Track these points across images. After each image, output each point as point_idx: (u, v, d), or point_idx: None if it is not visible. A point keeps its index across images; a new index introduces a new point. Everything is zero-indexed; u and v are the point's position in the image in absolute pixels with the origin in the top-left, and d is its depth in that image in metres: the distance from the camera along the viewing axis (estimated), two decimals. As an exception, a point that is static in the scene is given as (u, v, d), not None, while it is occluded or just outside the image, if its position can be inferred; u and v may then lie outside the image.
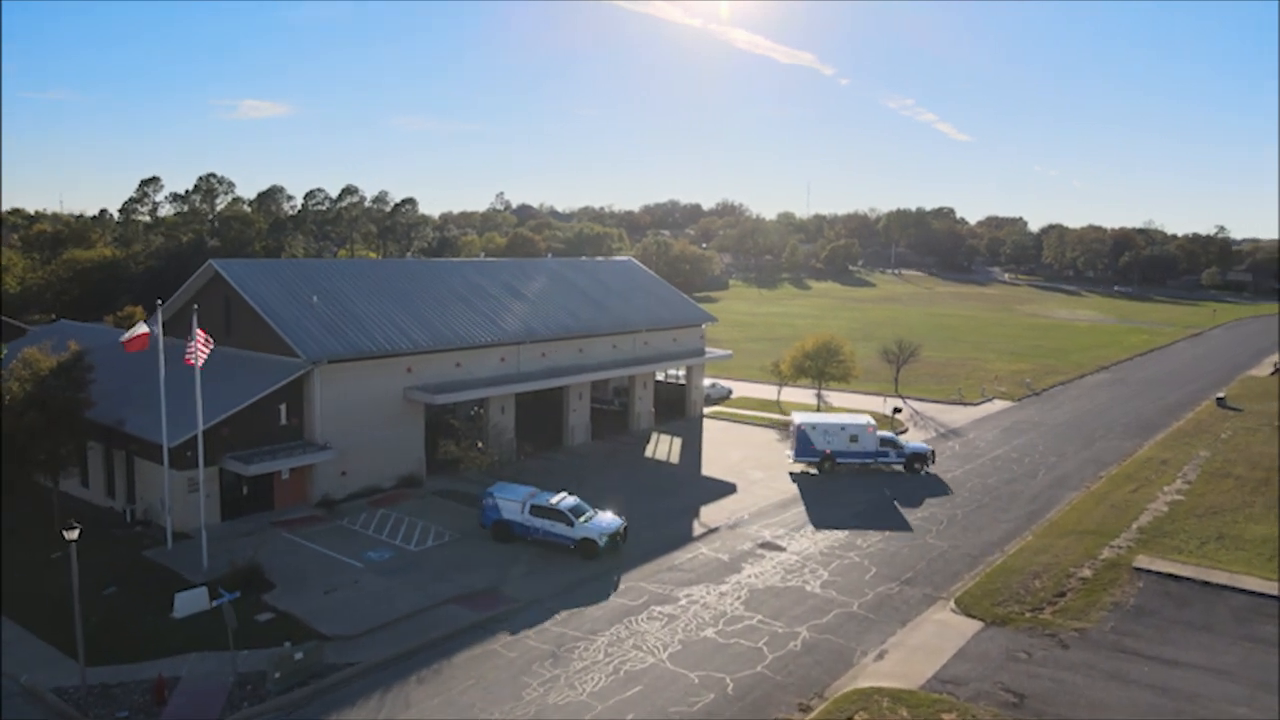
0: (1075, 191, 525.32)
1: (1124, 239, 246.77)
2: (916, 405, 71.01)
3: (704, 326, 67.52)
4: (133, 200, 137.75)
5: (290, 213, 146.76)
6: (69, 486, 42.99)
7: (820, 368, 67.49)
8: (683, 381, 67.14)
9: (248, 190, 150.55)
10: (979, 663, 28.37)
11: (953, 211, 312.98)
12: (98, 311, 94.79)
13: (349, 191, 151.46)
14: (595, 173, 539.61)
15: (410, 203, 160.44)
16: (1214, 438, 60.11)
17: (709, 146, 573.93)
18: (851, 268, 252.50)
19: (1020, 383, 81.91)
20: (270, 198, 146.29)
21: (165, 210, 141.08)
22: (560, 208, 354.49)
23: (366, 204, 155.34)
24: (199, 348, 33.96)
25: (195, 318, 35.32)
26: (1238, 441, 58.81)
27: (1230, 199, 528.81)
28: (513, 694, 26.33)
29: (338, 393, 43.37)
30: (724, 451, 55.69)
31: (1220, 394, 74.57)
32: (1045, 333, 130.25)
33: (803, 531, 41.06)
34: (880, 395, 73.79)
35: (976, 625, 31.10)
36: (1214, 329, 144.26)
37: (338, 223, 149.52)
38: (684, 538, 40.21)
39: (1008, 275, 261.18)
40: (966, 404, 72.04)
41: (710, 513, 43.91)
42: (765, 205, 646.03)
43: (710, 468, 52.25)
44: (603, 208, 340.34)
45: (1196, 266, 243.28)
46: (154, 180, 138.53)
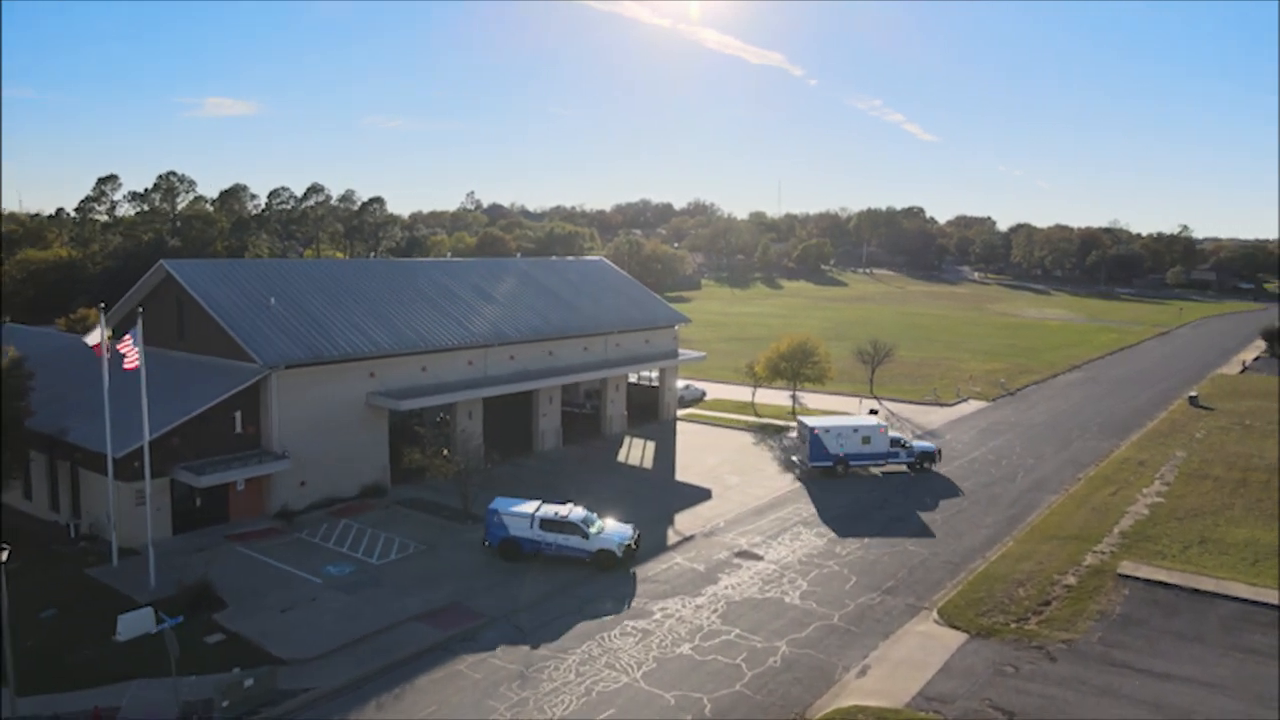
0: (1040, 191, 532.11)
1: (1090, 238, 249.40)
2: (892, 406, 70.26)
3: (677, 327, 66.27)
4: (90, 199, 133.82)
5: (254, 212, 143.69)
6: (12, 499, 40.81)
7: (795, 369, 66.54)
8: (656, 384, 65.83)
9: (214, 190, 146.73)
10: (965, 678, 27.31)
11: (922, 211, 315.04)
12: (54, 313, 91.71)
13: (314, 190, 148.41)
14: (567, 172, 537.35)
15: (378, 202, 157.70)
16: (1189, 437, 59.88)
17: (680, 146, 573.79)
18: (823, 267, 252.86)
19: (995, 383, 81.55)
20: (233, 196, 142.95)
21: (124, 209, 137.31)
22: (532, 207, 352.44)
23: (333, 203, 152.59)
24: (131, 353, 32.00)
25: (140, 322, 33.37)
26: (1213, 441, 58.60)
27: (1191, 199, 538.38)
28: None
29: (296, 399, 41.53)
30: (699, 456, 54.45)
31: (1192, 393, 74.62)
32: (1017, 332, 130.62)
33: (780, 539, 39.89)
34: (855, 396, 72.98)
35: (961, 637, 30.07)
36: (1181, 327, 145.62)
37: (303, 222, 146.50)
38: (658, 547, 38.86)
39: (977, 274, 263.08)
40: (942, 404, 71.43)
41: (685, 520, 42.62)
42: (737, 205, 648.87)
43: (685, 473, 50.99)
44: (574, 207, 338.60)
45: (1161, 265, 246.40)
46: (112, 178, 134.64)
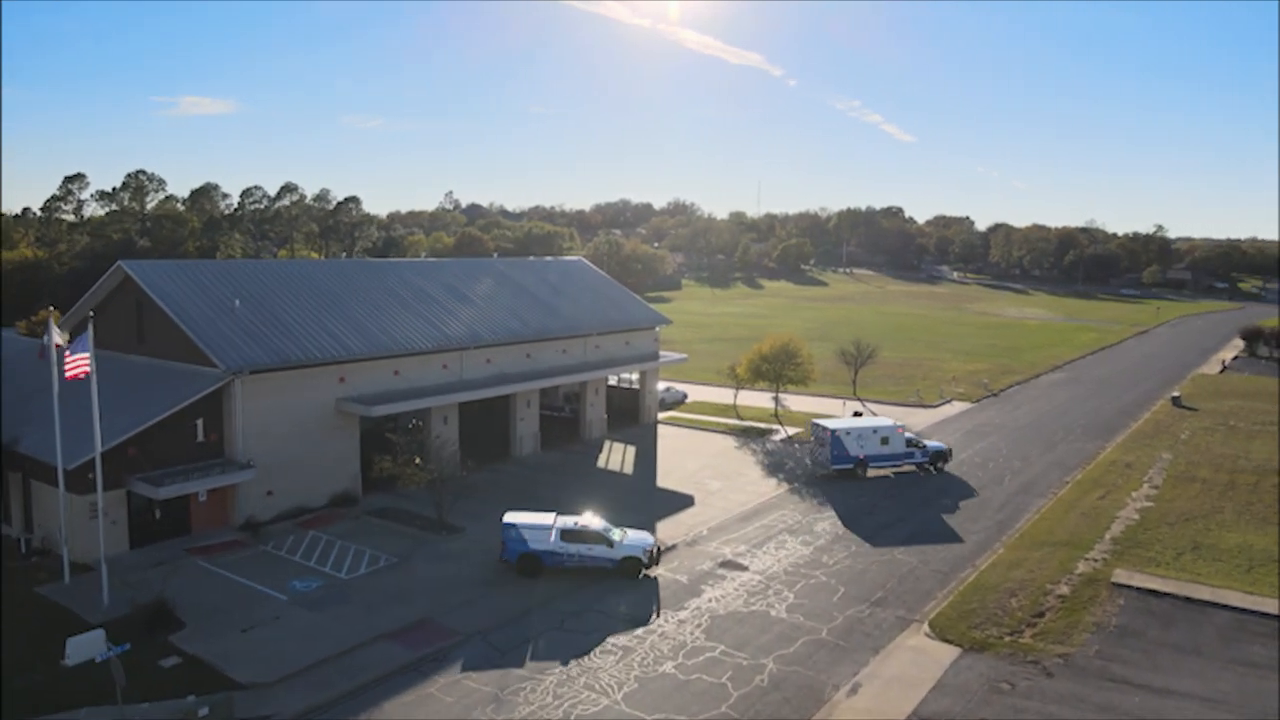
0: (1017, 192, 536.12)
1: (1068, 238, 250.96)
2: (875, 408, 69.31)
3: (657, 329, 65.00)
4: (56, 198, 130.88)
5: (226, 212, 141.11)
6: (-41, 512, 38.88)
7: (778, 371, 65.44)
8: (636, 386, 64.55)
9: (189, 190, 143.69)
10: (960, 696, 26.21)
11: (901, 211, 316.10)
12: (18, 315, 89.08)
13: (288, 189, 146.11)
14: (546, 172, 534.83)
15: (353, 201, 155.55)
16: (1174, 438, 59.37)
17: (660, 146, 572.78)
18: (804, 267, 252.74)
19: (978, 383, 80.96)
20: (204, 196, 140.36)
21: (92, 209, 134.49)
22: (510, 207, 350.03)
23: (307, 203, 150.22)
24: (76, 360, 30.27)
25: (91, 327, 31.63)
26: (1198, 442, 58.11)
27: (1165, 199, 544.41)
28: (449, 749, 23.47)
29: (262, 405, 39.85)
30: (680, 460, 53.22)
31: (1175, 393, 74.33)
32: (997, 331, 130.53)
33: (765, 548, 38.72)
34: (838, 398, 72.04)
35: (954, 652, 28.99)
36: (1159, 326, 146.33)
37: (276, 222, 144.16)
38: (639, 557, 37.52)
39: (956, 274, 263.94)
40: (925, 406, 70.63)
41: (667, 528, 41.33)
42: (716, 204, 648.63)
43: (666, 478, 49.73)
44: (553, 207, 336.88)
45: (1137, 265, 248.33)
46: (79, 177, 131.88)
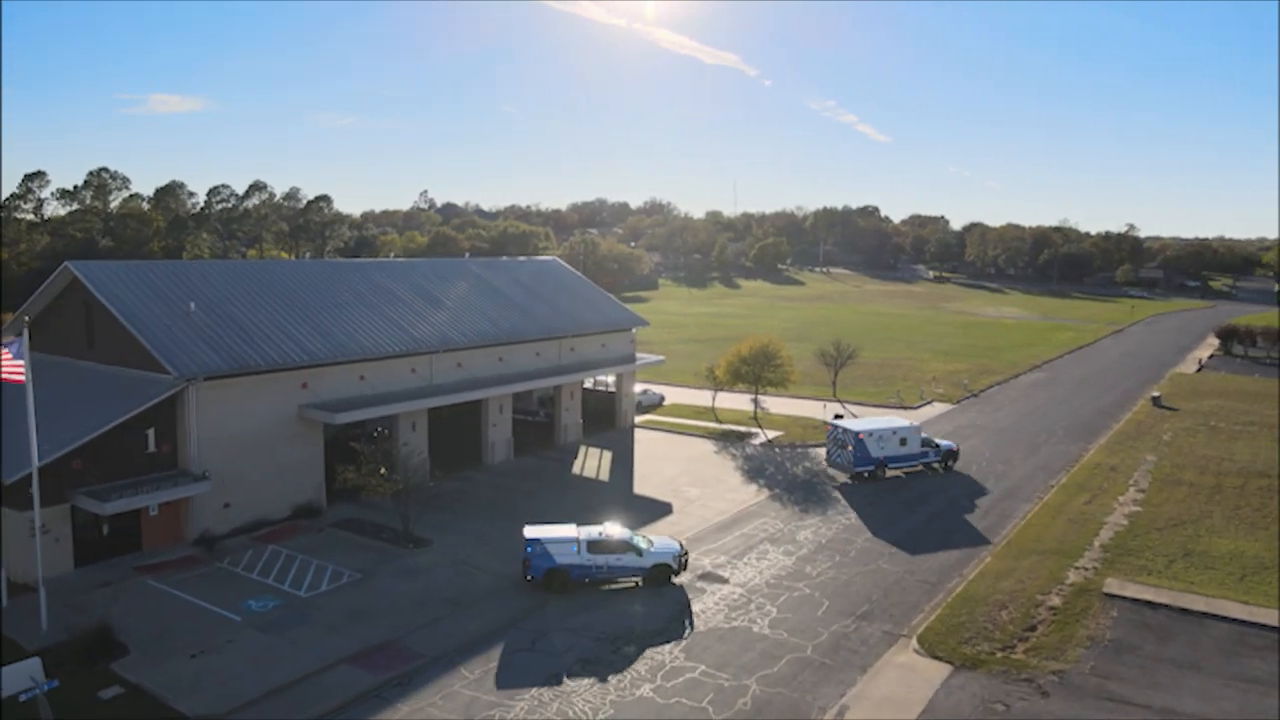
0: (990, 191, 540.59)
1: (1042, 237, 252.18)
2: (856, 409, 68.23)
3: (634, 330, 63.46)
4: (15, 196, 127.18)
5: (192, 211, 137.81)
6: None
7: (757, 372, 64.15)
8: (612, 389, 63.02)
9: (155, 189, 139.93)
10: (953, 719, 24.92)
11: (877, 210, 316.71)
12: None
13: (256, 188, 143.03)
14: (522, 172, 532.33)
15: (324, 200, 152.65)
16: (1156, 440, 58.71)
17: (637, 145, 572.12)
18: (780, 266, 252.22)
19: (958, 383, 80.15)
20: (169, 194, 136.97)
21: (53, 208, 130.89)
22: (486, 206, 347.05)
23: (277, 201, 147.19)
24: (10, 366, 28.30)
25: (27, 332, 29.61)
26: (1180, 444, 57.46)
27: (1135, 198, 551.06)
28: (410, 788, 21.83)
29: (219, 414, 37.90)
30: (658, 466, 51.72)
31: (1155, 393, 73.88)
32: (975, 331, 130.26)
33: (746, 559, 37.30)
34: (818, 400, 70.88)
35: (944, 670, 27.71)
36: (1133, 325, 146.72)
37: (245, 221, 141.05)
38: (616, 570, 36.00)
39: (933, 273, 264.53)
40: (906, 407, 69.61)
41: (644, 538, 39.80)
42: (693, 204, 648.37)
43: (643, 485, 48.22)
44: (529, 206, 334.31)
45: (1110, 264, 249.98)
46: (39, 175, 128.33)
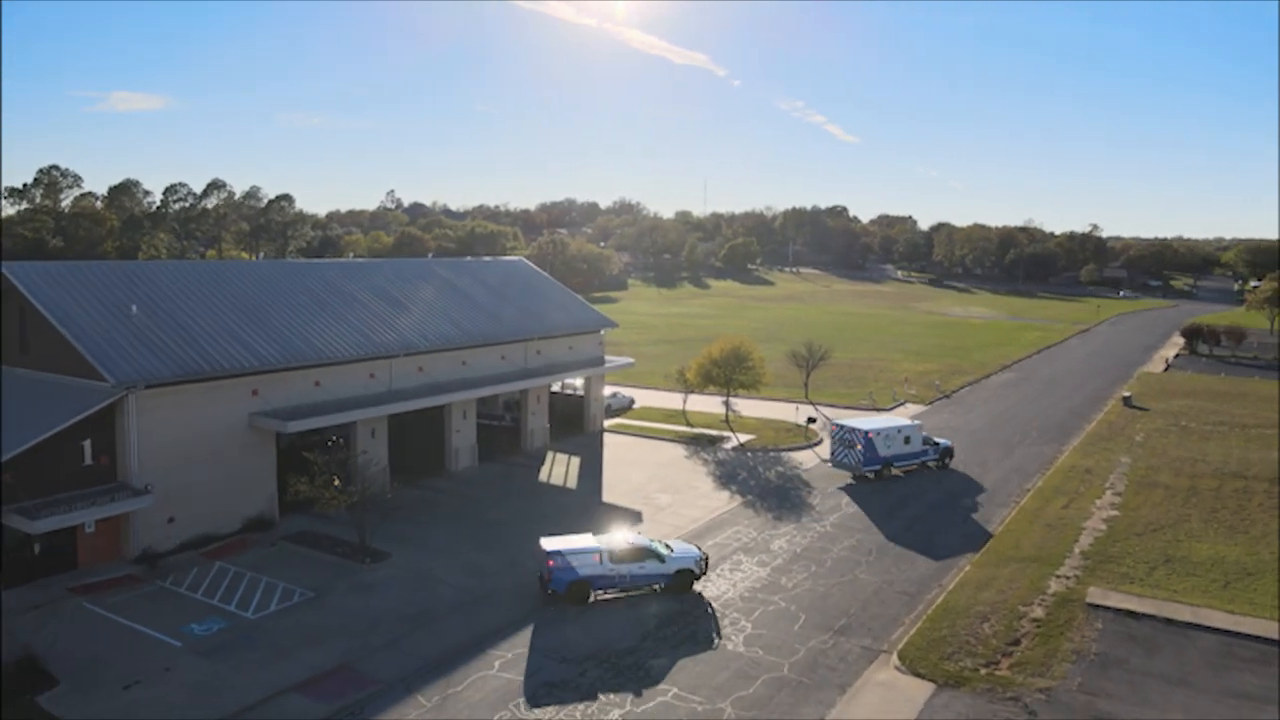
0: (955, 191, 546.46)
1: (1008, 237, 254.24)
2: (828, 412, 67.27)
3: (603, 332, 61.90)
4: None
5: (148, 210, 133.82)
6: None
7: (728, 375, 62.87)
8: (581, 393, 61.44)
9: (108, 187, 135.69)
10: (938, 743, 23.72)
11: (846, 210, 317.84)
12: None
13: (215, 186, 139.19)
14: (491, 172, 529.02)
15: (286, 199, 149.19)
16: (1129, 441, 58.30)
17: (606, 145, 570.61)
18: (750, 266, 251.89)
19: (929, 384, 79.57)
20: (124, 193, 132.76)
21: (1, 207, 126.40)
22: (454, 206, 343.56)
23: (237, 200, 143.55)
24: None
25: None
26: (1153, 445, 57.09)
27: (1097, 198, 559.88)
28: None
29: (161, 423, 35.80)
30: (627, 472, 50.23)
31: (1126, 393, 73.76)
32: (945, 331, 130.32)
33: (719, 570, 35.91)
34: (791, 402, 69.81)
35: (927, 688, 26.50)
36: (1099, 325, 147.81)
37: (203, 221, 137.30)
38: (583, 584, 34.46)
39: (901, 273, 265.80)
40: (879, 409, 68.70)
41: (613, 549, 38.29)
42: (663, 204, 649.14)
43: (612, 492, 46.71)
44: (498, 206, 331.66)
45: (1075, 263, 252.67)
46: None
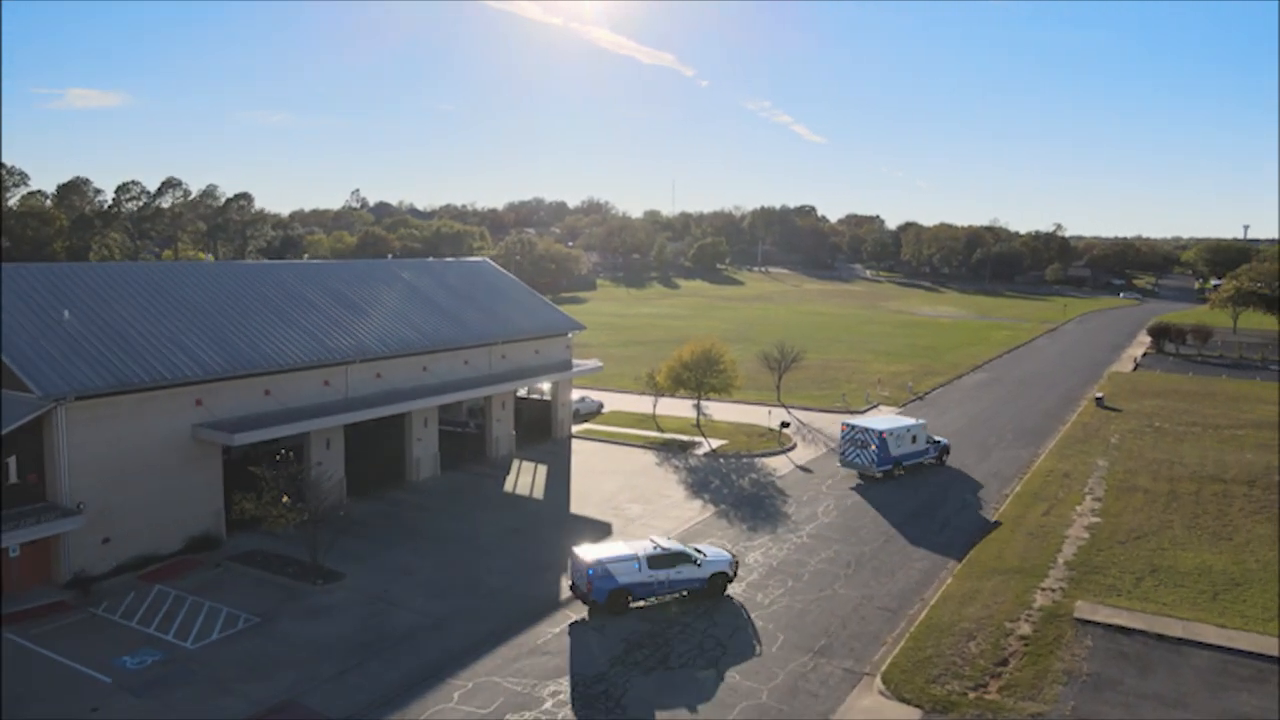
0: (920, 191, 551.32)
1: (975, 236, 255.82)
2: (801, 415, 65.99)
3: (570, 335, 60.01)
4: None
5: (100, 209, 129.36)
6: None
7: (699, 378, 61.26)
8: (548, 398, 59.50)
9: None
10: (928, 777, 22.22)
11: (814, 210, 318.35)
12: None
13: (170, 185, 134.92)
14: (458, 171, 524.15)
15: (244, 198, 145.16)
16: (1105, 443, 57.58)
17: (574, 144, 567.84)
18: (720, 266, 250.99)
19: (902, 386, 78.62)
20: (74, 191, 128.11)
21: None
22: (421, 205, 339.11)
23: (193, 199, 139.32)
24: None
25: None
26: (1129, 447, 56.40)
27: (1060, 198, 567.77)
28: None
29: (95, 437, 33.37)
30: (596, 481, 48.43)
31: (1098, 394, 73.31)
32: (915, 330, 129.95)
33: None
34: (763, 405, 68.39)
35: (914, 715, 25.03)
36: (1067, 324, 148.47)
37: (158, 220, 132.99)
38: (550, 603, 32.66)
39: (870, 272, 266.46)
40: (852, 412, 67.53)
41: (581, 565, 36.50)
42: (631, 203, 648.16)
43: (581, 503, 44.89)
44: (465, 206, 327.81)
45: (1040, 263, 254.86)
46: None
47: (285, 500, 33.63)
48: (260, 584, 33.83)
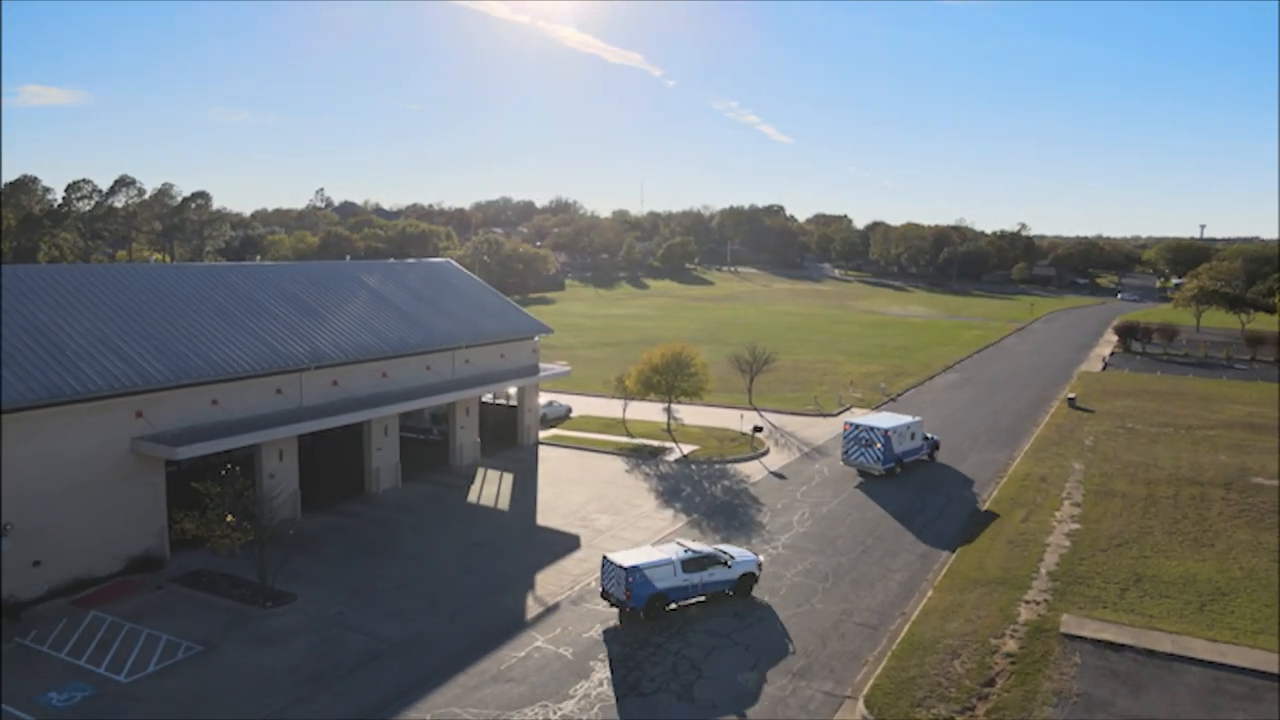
0: (887, 191, 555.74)
1: (942, 236, 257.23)
2: (774, 419, 64.80)
3: (537, 339, 58.24)
4: None
5: (49, 208, 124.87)
6: None
7: (670, 382, 59.77)
8: (514, 403, 57.70)
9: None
10: (917, 813, 20.88)
11: (783, 209, 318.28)
12: None
13: (123, 183, 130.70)
14: (425, 170, 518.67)
15: (201, 197, 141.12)
16: (1079, 445, 56.98)
17: (542, 143, 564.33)
18: (689, 266, 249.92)
19: (874, 387, 77.80)
20: (21, 190, 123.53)
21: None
22: (387, 205, 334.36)
23: (148, 198, 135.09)
24: None
25: None
26: (1104, 449, 55.82)
27: (1024, 198, 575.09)
28: None
29: (24, 453, 31.11)
30: (564, 490, 46.77)
31: (1070, 394, 72.97)
32: (885, 330, 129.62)
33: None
34: (734, 408, 67.12)
35: (899, 743, 23.72)
36: (1034, 322, 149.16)
37: (111, 220, 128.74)
38: (514, 623, 31.00)
39: (839, 271, 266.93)
40: (825, 415, 66.53)
41: (548, 581, 34.89)
42: (600, 203, 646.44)
43: (548, 514, 43.20)
44: (431, 205, 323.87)
45: (1006, 262, 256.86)
46: None
47: (230, 519, 31.55)
48: (205, 608, 31.77)
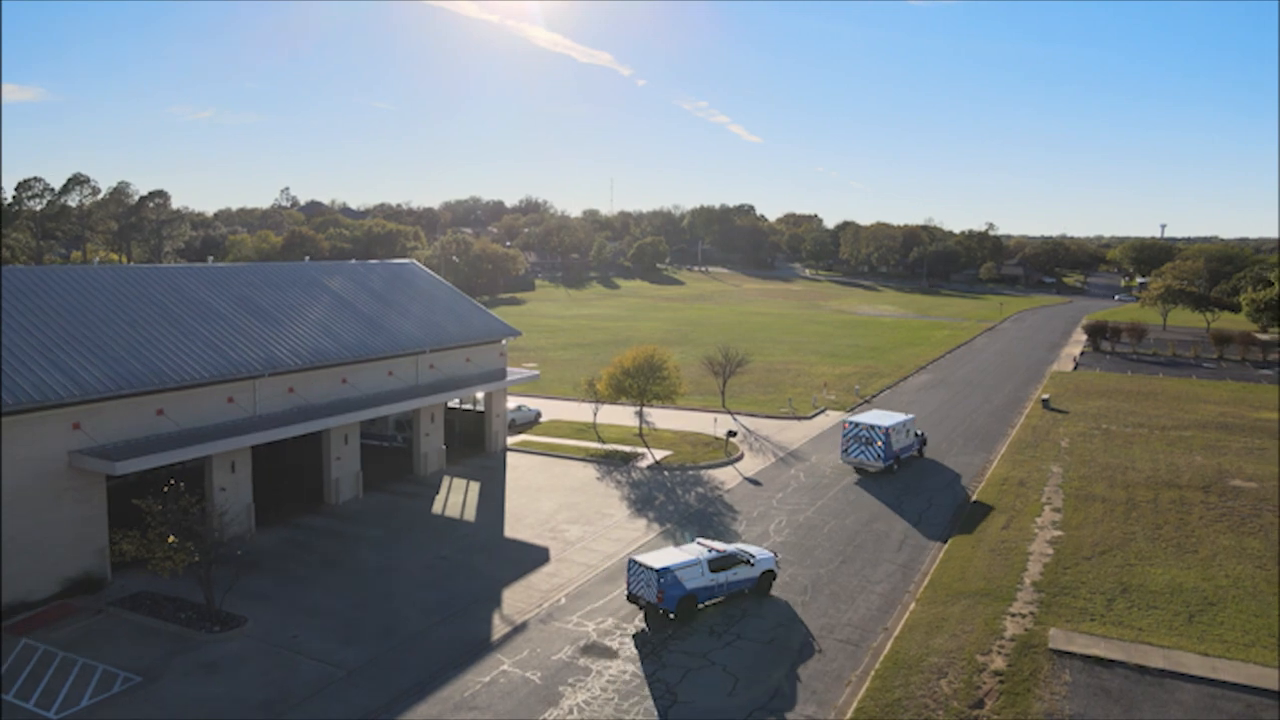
0: (855, 191, 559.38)
1: (911, 235, 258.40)
2: (748, 422, 63.56)
3: (504, 342, 56.46)
4: None
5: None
6: None
7: (642, 386, 58.30)
8: (481, 408, 55.91)
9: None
10: None
11: (753, 209, 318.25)
12: None
13: (77, 182, 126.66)
14: (393, 169, 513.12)
15: (159, 196, 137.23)
16: (1055, 447, 56.37)
17: (512, 143, 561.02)
18: (659, 265, 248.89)
19: (848, 389, 76.92)
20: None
21: None
22: (355, 205, 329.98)
23: (103, 197, 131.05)
24: None
25: None
26: (1080, 451, 55.23)
27: (992, 196, 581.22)
28: None
29: (-52, 470, 28.93)
30: (533, 500, 45.12)
31: (1044, 395, 72.57)
32: (857, 330, 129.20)
33: (637, 620, 31.23)
34: (707, 411, 65.85)
35: (887, 773, 22.43)
36: (1004, 322, 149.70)
37: (63, 219, 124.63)
38: (479, 645, 29.35)
39: (809, 271, 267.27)
40: (800, 418, 65.44)
41: (515, 598, 33.25)
42: (570, 202, 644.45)
43: (516, 525, 41.54)
44: (400, 205, 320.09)
45: (974, 261, 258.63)
46: None
47: (171, 540, 29.54)
48: (146, 633, 29.75)
